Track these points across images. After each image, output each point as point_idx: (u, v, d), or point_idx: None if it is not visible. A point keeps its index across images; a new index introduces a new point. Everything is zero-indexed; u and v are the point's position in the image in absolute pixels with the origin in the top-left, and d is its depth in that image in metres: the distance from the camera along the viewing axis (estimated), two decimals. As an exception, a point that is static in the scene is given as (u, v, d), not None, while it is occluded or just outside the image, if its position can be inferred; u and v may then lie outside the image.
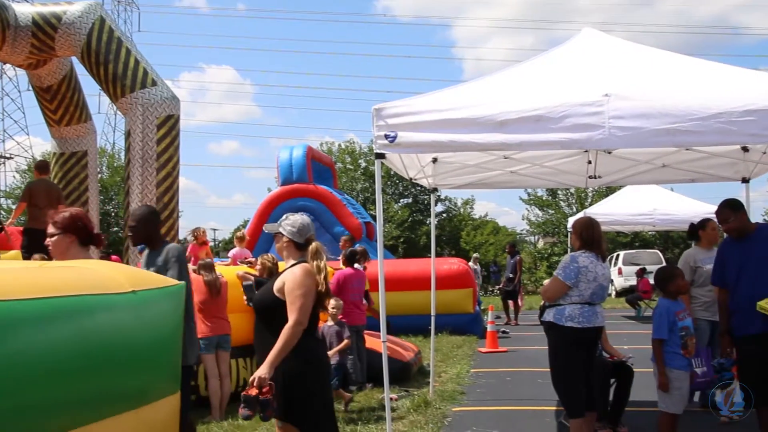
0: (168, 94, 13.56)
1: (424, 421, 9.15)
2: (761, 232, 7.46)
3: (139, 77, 13.38)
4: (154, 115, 13.32)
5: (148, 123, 13.29)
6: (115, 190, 44.46)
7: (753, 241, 7.34)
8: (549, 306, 7.57)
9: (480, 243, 51.27)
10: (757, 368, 7.19)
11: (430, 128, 7.22)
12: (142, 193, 13.21)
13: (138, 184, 13.27)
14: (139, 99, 13.33)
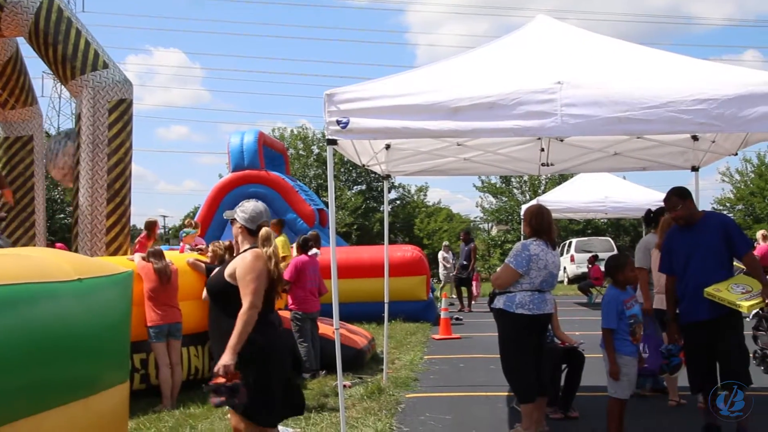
0: (120, 77, 13.34)
1: (377, 407, 9.15)
2: (708, 219, 7.54)
3: (90, 59, 13.13)
4: (105, 98, 13.09)
5: (99, 107, 13.06)
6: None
7: (700, 228, 7.42)
8: (499, 293, 7.60)
9: (434, 230, 51.44)
10: (704, 354, 7.29)
11: (382, 114, 7.18)
12: (92, 179, 13.00)
13: (88, 170, 13.04)
14: (89, 82, 13.09)
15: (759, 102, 6.87)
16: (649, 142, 9.92)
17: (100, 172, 13.02)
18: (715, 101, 6.84)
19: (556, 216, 8.92)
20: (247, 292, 5.48)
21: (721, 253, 7.33)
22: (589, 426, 8.14)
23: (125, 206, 13.33)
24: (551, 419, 8.34)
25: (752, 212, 46.11)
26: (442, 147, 10.04)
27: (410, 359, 12.92)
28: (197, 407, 9.30)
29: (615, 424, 7.24)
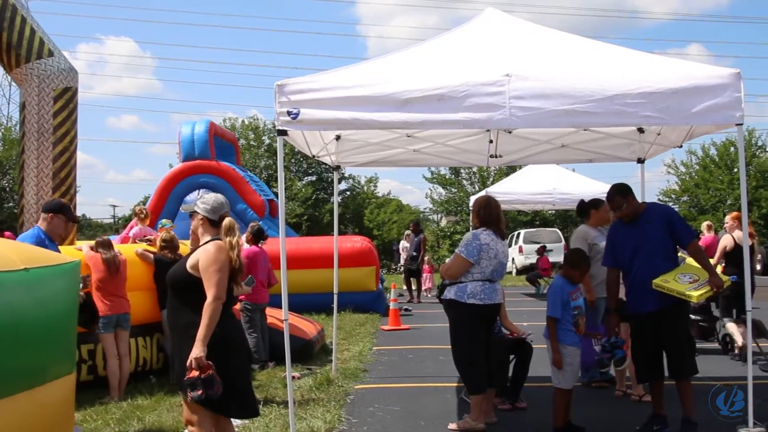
0: (65, 66, 13.15)
1: (326, 399, 9.16)
2: (650, 211, 7.64)
3: (35, 47, 12.93)
4: (51, 87, 12.89)
5: (44, 95, 12.87)
6: (11, 164, 43.14)
7: (644, 221, 7.51)
8: (449, 284, 7.64)
9: (383, 221, 51.50)
10: (651, 344, 7.40)
11: (333, 105, 7.18)
12: (38, 168, 12.81)
13: (34, 159, 12.85)
14: (34, 70, 12.89)
15: (703, 95, 7.02)
16: (596, 134, 10.03)
17: (46, 161, 12.84)
18: (660, 94, 6.98)
19: (504, 207, 8.98)
20: (212, 284, 5.48)
21: (666, 244, 7.44)
22: (537, 416, 8.21)
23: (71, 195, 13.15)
24: (500, 410, 8.38)
25: (697, 204, 46.91)
26: (392, 138, 10.06)
27: (359, 350, 12.94)
28: (145, 399, 9.24)
29: (561, 414, 7.34)
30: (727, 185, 44.97)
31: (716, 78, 7.12)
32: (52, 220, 7.90)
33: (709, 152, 48.08)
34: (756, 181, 43.96)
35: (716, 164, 47.17)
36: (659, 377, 7.50)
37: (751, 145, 46.10)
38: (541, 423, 7.84)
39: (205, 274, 5.53)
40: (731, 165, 45.64)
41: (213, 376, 5.32)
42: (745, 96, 7.10)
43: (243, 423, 7.58)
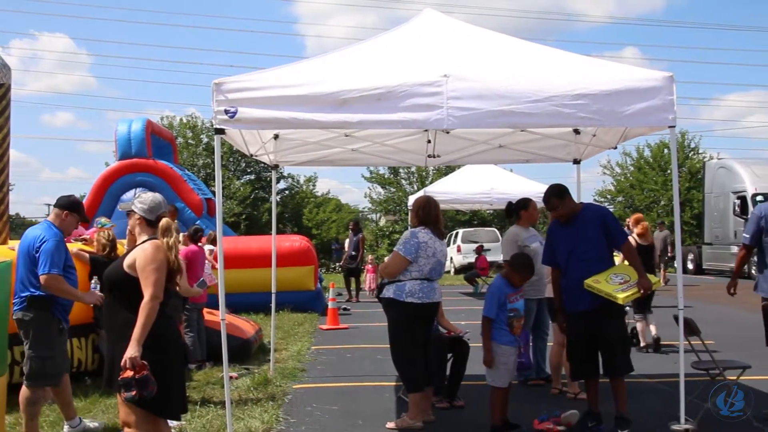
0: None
1: (264, 398, 9.13)
2: (586, 212, 7.75)
3: (-34, 44, 12.69)
4: (-18, 84, 12.66)
5: (-24, 92, 12.63)
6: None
7: (580, 222, 7.62)
8: (388, 283, 7.66)
9: (322, 220, 51.39)
10: (586, 343, 7.51)
11: (271, 104, 7.15)
12: (-31, 166, 12.56)
13: (-35, 157, 12.60)
14: (-35, 66, 12.64)
15: (637, 98, 7.15)
16: (533, 135, 10.14)
17: (-22, 159, 12.59)
18: (596, 96, 7.09)
19: (443, 207, 9.04)
20: (149, 283, 5.45)
21: (601, 245, 7.55)
22: (475, 414, 8.27)
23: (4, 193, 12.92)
24: (437, 408, 8.43)
25: (632, 204, 47.56)
26: (331, 137, 10.05)
27: (297, 350, 12.92)
28: (80, 400, 9.10)
29: (498, 412, 7.41)
30: (661, 186, 45.69)
31: (650, 81, 7.25)
32: (66, 217, 7.69)
33: (644, 154, 48.85)
34: (688, 182, 44.71)
35: (650, 165, 47.90)
36: (594, 375, 7.62)
37: (684, 146, 46.90)
38: (478, 421, 7.90)
39: (143, 274, 5.50)
40: (665, 166, 46.38)
41: (148, 376, 5.29)
42: (677, 99, 7.24)
43: (179, 423, 7.52)
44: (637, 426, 7.66)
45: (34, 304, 7.35)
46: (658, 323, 12.36)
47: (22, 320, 7.38)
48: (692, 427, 7.36)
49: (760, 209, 8.32)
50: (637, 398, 8.98)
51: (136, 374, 5.26)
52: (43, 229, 7.54)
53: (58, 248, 7.38)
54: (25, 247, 7.44)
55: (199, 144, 50.23)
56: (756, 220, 8.26)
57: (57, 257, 7.30)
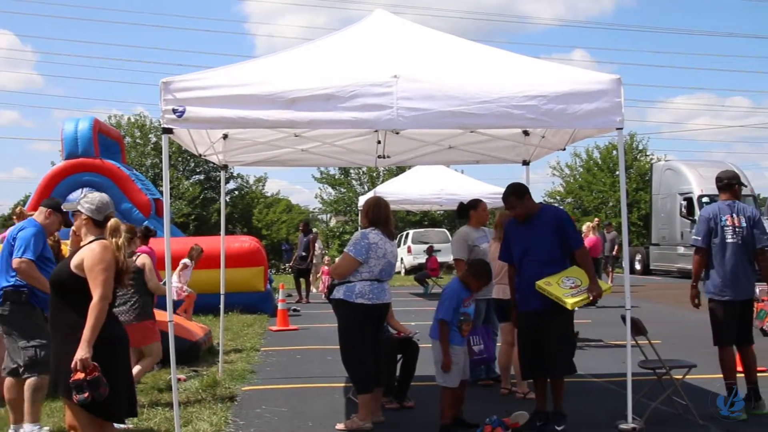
0: (-61, 61, 12.68)
1: (212, 401, 9.05)
2: (544, 213, 7.85)
3: None
4: (-76, 82, 12.42)
5: None
6: None
7: (536, 222, 7.69)
8: (338, 284, 7.64)
9: (272, 221, 51.21)
10: (536, 342, 7.57)
11: (219, 104, 7.09)
12: None
13: None
14: None
15: (585, 100, 7.20)
16: (483, 136, 10.18)
17: None
18: (545, 98, 7.13)
19: (393, 207, 9.04)
20: (97, 284, 5.40)
21: (554, 247, 7.62)
22: (424, 415, 8.27)
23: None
24: (387, 409, 8.42)
25: (581, 205, 48.06)
26: (280, 138, 9.99)
27: (247, 351, 12.84)
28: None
29: (448, 412, 7.44)
30: (610, 187, 46.18)
31: (598, 83, 7.31)
32: (50, 216, 7.69)
33: (593, 155, 49.35)
34: (636, 184, 45.24)
35: (599, 167, 48.43)
36: (543, 375, 7.69)
37: (632, 148, 47.46)
38: (428, 421, 7.90)
39: (91, 274, 5.44)
40: (613, 168, 46.89)
41: (99, 378, 5.24)
42: (625, 101, 7.32)
43: (126, 426, 7.42)
44: (585, 425, 7.75)
45: (11, 298, 7.39)
46: (606, 323, 12.47)
47: (2, 315, 7.43)
48: (639, 426, 7.43)
49: (708, 211, 8.42)
50: (585, 397, 9.05)
51: (88, 376, 5.20)
52: (24, 223, 7.63)
53: (37, 237, 7.42)
54: (6, 243, 7.55)
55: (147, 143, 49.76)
56: (706, 222, 8.34)
57: (34, 245, 7.35)
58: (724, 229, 8.24)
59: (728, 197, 8.43)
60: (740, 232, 8.21)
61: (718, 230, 8.25)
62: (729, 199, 8.42)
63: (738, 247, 8.20)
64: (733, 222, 8.23)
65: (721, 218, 8.26)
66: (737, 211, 8.29)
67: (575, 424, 7.69)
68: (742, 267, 8.21)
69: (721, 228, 8.24)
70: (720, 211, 8.30)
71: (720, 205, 8.41)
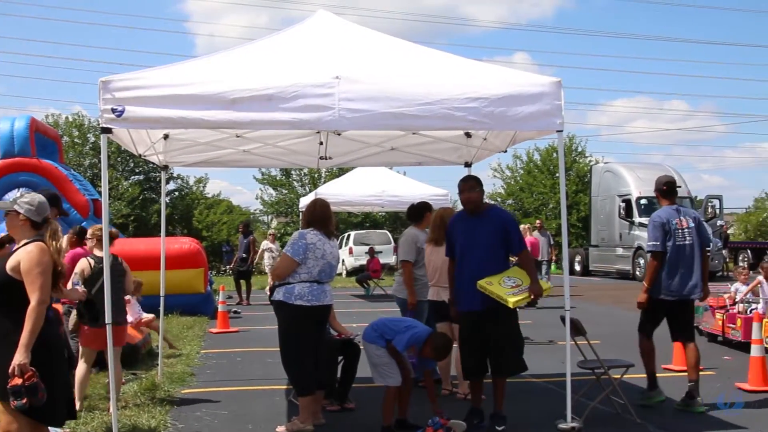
0: None
1: (151, 404, 8.95)
2: (490, 213, 7.93)
3: None
4: None
5: None
6: None
7: (482, 221, 7.75)
8: (278, 285, 7.61)
9: (213, 222, 50.78)
10: (478, 342, 7.62)
11: (159, 104, 7.02)
12: None
13: None
14: None
15: (526, 102, 7.28)
16: (425, 138, 10.21)
17: None
18: (486, 100, 7.19)
19: (334, 209, 9.02)
20: (35, 288, 5.31)
21: (498, 248, 7.70)
22: (366, 416, 8.28)
23: None
24: (328, 411, 8.41)
25: (521, 207, 48.42)
26: (222, 138, 9.92)
27: (186, 354, 12.73)
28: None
29: (389, 412, 7.46)
30: (550, 189, 46.58)
31: (538, 86, 7.39)
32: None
33: (533, 157, 49.76)
34: (576, 186, 45.70)
35: (539, 169, 48.83)
36: (484, 374, 7.74)
37: (571, 151, 47.94)
38: (369, 423, 7.91)
39: (28, 277, 5.34)
40: (554, 170, 47.29)
41: (37, 383, 5.16)
42: (565, 104, 7.41)
43: (64, 430, 7.30)
44: (525, 425, 7.82)
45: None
46: (546, 324, 12.59)
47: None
48: (578, 425, 7.51)
49: (660, 216, 8.69)
50: (525, 398, 9.13)
51: (26, 381, 5.12)
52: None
53: None
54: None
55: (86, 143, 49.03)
56: (660, 227, 8.59)
57: None
58: (676, 233, 8.56)
59: (671, 202, 8.79)
60: (689, 234, 8.58)
61: (671, 234, 8.53)
62: (672, 203, 8.77)
63: (690, 248, 8.58)
64: (682, 225, 8.59)
65: (672, 222, 8.58)
66: (683, 214, 8.68)
67: (515, 424, 7.75)
68: (691, 267, 8.54)
69: (673, 231, 8.56)
70: (670, 215, 8.62)
71: (668, 209, 8.72)
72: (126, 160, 48.93)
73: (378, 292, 25.06)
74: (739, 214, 58.89)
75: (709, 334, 13.67)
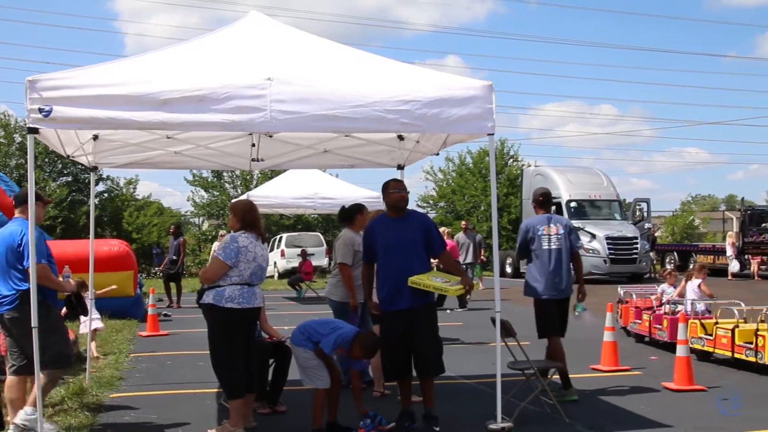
0: None
1: (79, 408, 8.82)
2: (412, 216, 8.05)
3: None
4: None
5: None
6: None
7: (405, 223, 7.82)
8: (208, 288, 7.55)
9: (143, 224, 50.18)
10: (401, 342, 7.66)
11: (88, 104, 6.91)
12: None
13: None
14: None
15: (458, 105, 7.34)
16: (357, 140, 10.22)
17: None
18: (418, 103, 7.23)
19: (266, 211, 9.00)
20: None
21: (421, 249, 7.76)
22: (297, 419, 8.26)
23: None
24: (259, 414, 8.38)
25: (453, 209, 48.71)
26: (152, 139, 9.81)
27: (115, 358, 12.56)
28: None
29: (319, 415, 7.48)
30: (481, 192, 46.90)
31: (470, 89, 7.46)
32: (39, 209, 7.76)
33: (465, 160, 50.11)
34: (507, 189, 46.12)
35: (471, 172, 49.17)
36: (408, 375, 7.78)
37: (503, 154, 48.39)
38: (300, 426, 7.90)
39: None
40: (485, 173, 47.64)
41: None
42: (497, 107, 7.49)
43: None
44: (455, 426, 7.88)
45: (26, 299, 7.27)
46: (476, 325, 12.69)
47: (19, 318, 7.48)
48: (508, 426, 7.59)
49: (527, 223, 9.58)
50: (456, 399, 9.20)
51: None
52: (18, 225, 7.73)
53: (40, 239, 7.48)
54: (5, 246, 7.61)
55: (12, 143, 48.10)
56: (524, 233, 9.45)
57: (41, 247, 7.46)
58: (541, 238, 9.39)
59: (546, 211, 9.69)
60: (558, 240, 9.38)
61: (536, 239, 9.41)
62: (547, 212, 9.68)
63: (557, 252, 9.35)
64: (549, 231, 9.42)
65: (538, 229, 9.44)
66: (554, 222, 9.51)
67: (446, 424, 7.81)
68: (560, 269, 9.35)
69: (538, 237, 9.40)
70: (538, 223, 9.50)
71: (539, 217, 9.59)
72: (54, 161, 48.15)
73: (310, 295, 25.01)
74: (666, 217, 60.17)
75: (636, 334, 13.93)
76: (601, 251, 28.65)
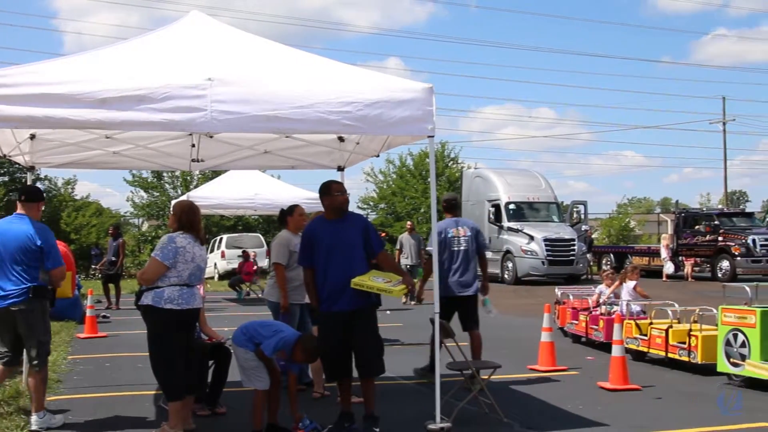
0: None
1: (14, 412, 8.69)
2: (351, 217, 8.04)
3: None
4: None
5: None
6: None
7: (344, 224, 7.81)
8: (147, 289, 7.50)
9: (82, 225, 49.56)
10: (341, 344, 7.67)
11: (25, 102, 6.81)
12: None
13: None
14: None
15: (398, 107, 7.39)
16: (298, 141, 10.23)
17: None
18: (359, 104, 7.27)
19: (207, 212, 8.97)
20: None
21: (361, 250, 7.77)
22: (237, 421, 8.24)
23: None
24: (198, 416, 8.33)
25: (393, 211, 48.84)
26: (91, 139, 9.71)
27: (53, 360, 12.33)
28: None
29: (258, 416, 7.48)
30: (422, 194, 47.07)
31: (411, 92, 7.50)
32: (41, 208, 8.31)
33: (406, 162, 50.26)
34: (447, 190, 46.28)
35: (412, 174, 49.35)
36: (348, 376, 7.80)
37: (444, 156, 48.66)
38: (239, 427, 7.88)
39: None
40: (426, 175, 47.83)
41: None
42: (437, 110, 7.55)
43: None
44: (394, 426, 7.92)
45: (37, 294, 7.96)
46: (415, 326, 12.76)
47: (26, 310, 7.89)
48: (447, 426, 7.65)
49: (439, 225, 9.83)
50: (395, 399, 9.25)
51: None
52: (29, 224, 7.97)
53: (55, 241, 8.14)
54: (17, 244, 7.85)
55: (-54, 143, 47.23)
56: (438, 235, 9.47)
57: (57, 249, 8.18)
58: (452, 240, 10.20)
59: (453, 215, 10.55)
60: (465, 241, 10.26)
61: (446, 241, 10.13)
62: (454, 216, 10.55)
63: (465, 253, 10.23)
64: (458, 234, 10.28)
65: (448, 231, 10.23)
66: (461, 225, 10.43)
67: (385, 425, 7.82)
68: (467, 268, 10.22)
69: (449, 239, 10.18)
70: (448, 225, 10.31)
71: (448, 221, 10.42)
72: (-11, 161, 47.26)
73: (251, 296, 24.92)
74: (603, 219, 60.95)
75: (573, 335, 14.12)
76: (539, 253, 28.98)
